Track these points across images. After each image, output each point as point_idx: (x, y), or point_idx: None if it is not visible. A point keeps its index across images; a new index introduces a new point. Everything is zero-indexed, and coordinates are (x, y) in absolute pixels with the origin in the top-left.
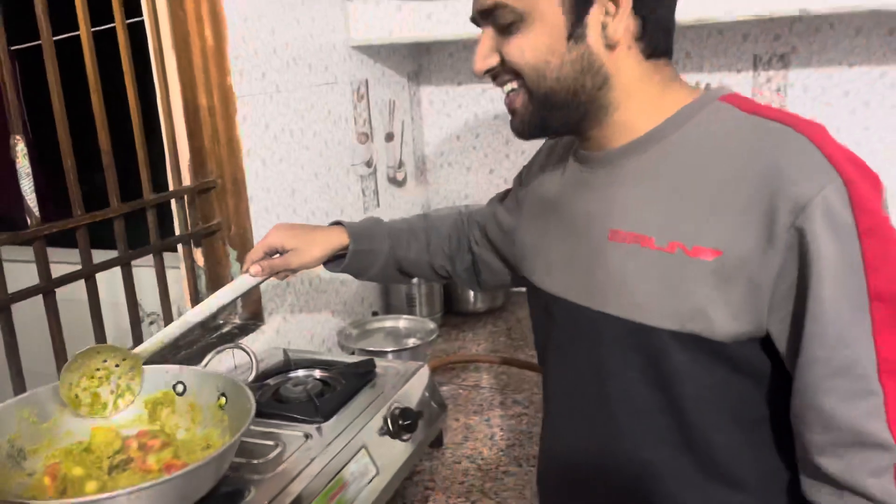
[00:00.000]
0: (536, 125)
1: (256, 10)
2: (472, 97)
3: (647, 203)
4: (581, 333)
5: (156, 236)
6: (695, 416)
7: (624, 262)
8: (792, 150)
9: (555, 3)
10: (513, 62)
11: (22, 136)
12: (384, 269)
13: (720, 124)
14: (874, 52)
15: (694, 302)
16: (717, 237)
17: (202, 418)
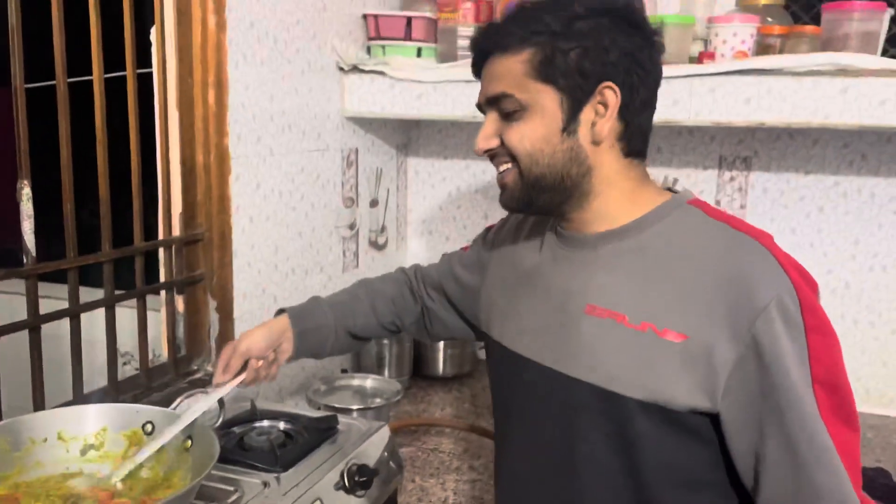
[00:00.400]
0: (524, 202)
1: (258, 79)
2: (456, 171)
3: (622, 285)
4: (552, 396)
5: (142, 282)
6: (651, 477)
7: (598, 335)
8: (754, 260)
9: (554, 101)
10: (512, 146)
11: (28, 181)
12: (337, 342)
13: (690, 226)
14: (829, 162)
15: (660, 376)
16: (685, 323)
17: (167, 459)
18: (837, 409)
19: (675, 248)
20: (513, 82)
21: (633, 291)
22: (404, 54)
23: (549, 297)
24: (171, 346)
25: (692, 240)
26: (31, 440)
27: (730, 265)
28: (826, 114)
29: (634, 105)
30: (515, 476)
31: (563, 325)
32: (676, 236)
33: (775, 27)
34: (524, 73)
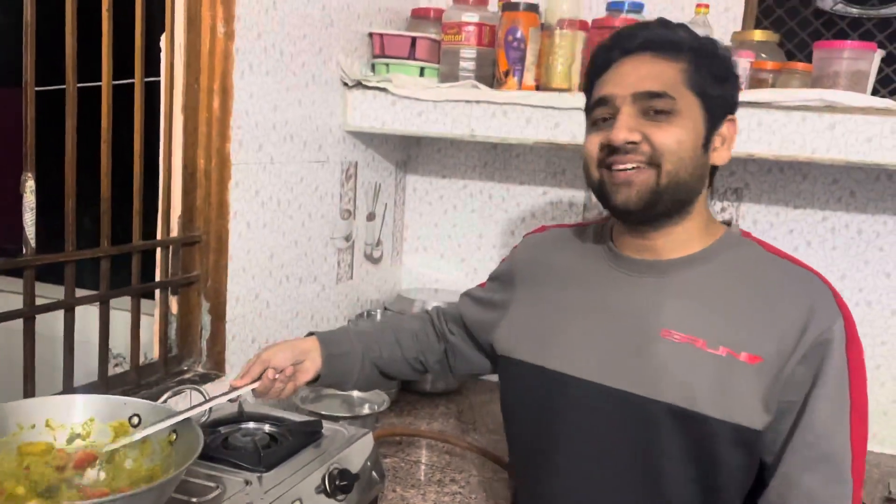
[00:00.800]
0: (653, 203)
1: (263, 89)
2: (453, 190)
3: (697, 311)
4: (626, 417)
5: (138, 280)
6: (727, 492)
7: (677, 358)
8: (816, 292)
9: (700, 114)
10: (664, 146)
11: (33, 173)
12: (363, 374)
13: (752, 258)
14: (818, 197)
15: (738, 397)
16: (758, 347)
17: (151, 451)
18: (860, 438)
19: (743, 277)
20: (671, 84)
21: (708, 317)
22: (407, 73)
23: (613, 321)
24: (162, 346)
25: (758, 271)
26: (18, 426)
27: (799, 296)
28: (813, 148)
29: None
30: (572, 496)
31: (637, 348)
32: (742, 267)
33: (768, 63)
34: (680, 80)
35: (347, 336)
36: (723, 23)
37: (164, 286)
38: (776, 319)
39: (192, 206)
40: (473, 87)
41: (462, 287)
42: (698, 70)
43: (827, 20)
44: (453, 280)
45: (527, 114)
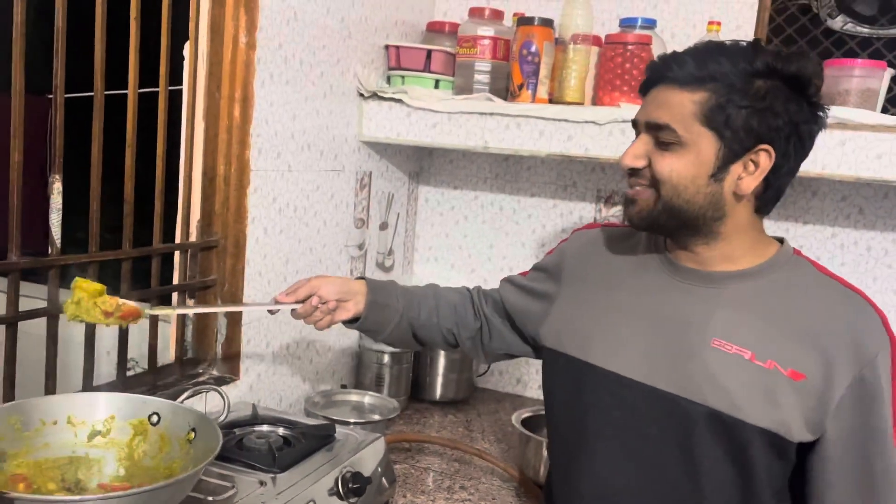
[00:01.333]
0: (651, 222)
1: (283, 98)
2: (465, 201)
3: (748, 325)
4: (666, 417)
5: (157, 282)
6: (761, 490)
7: (726, 368)
8: (866, 317)
9: (712, 147)
10: (659, 174)
11: (60, 175)
12: (398, 329)
13: (804, 277)
14: (827, 213)
15: (781, 409)
16: (804, 365)
17: (169, 449)
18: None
19: (794, 295)
20: (678, 117)
21: (759, 331)
22: (422, 85)
23: (663, 325)
24: (179, 348)
25: (809, 290)
26: (41, 421)
27: (847, 319)
28: (824, 164)
29: (782, 171)
30: (605, 490)
31: (686, 354)
32: (794, 285)
33: None
34: (692, 113)
35: (393, 290)
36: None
37: (182, 289)
38: (822, 340)
39: (210, 210)
40: (487, 99)
41: None
42: (722, 103)
43: (837, 39)
44: None
45: (540, 126)
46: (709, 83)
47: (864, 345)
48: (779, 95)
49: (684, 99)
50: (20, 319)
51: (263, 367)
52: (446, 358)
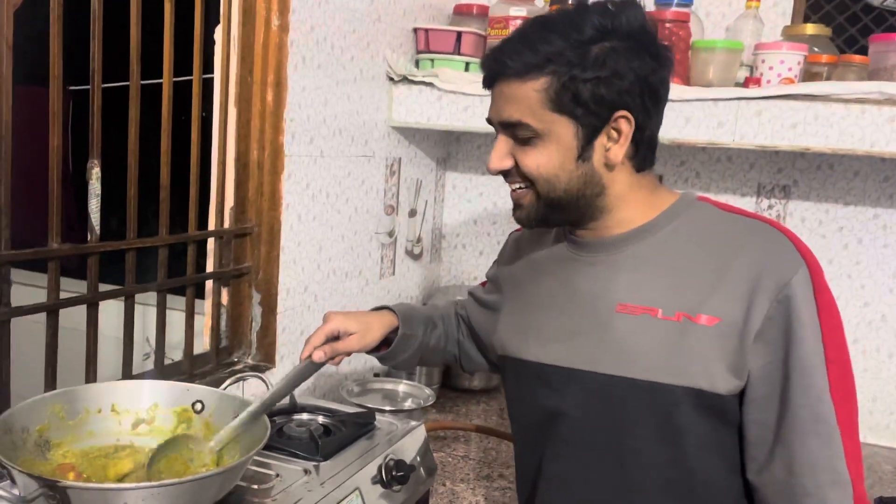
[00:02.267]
0: (540, 220)
1: (314, 82)
2: (493, 187)
3: (649, 281)
4: (592, 397)
5: (193, 270)
6: (697, 465)
7: (634, 331)
8: (773, 241)
9: (570, 130)
10: (528, 172)
11: (98, 160)
12: (412, 357)
13: (705, 219)
14: (869, 194)
15: (699, 361)
16: (715, 307)
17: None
18: (842, 386)
19: (696, 240)
20: (528, 110)
21: (663, 285)
22: (452, 68)
23: (573, 303)
24: (214, 337)
25: (711, 231)
26: (86, 410)
27: (753, 249)
28: (872, 142)
29: (645, 127)
30: (553, 479)
31: (595, 327)
32: (694, 230)
33: (823, 56)
34: (539, 102)
35: (418, 317)
36: (772, 17)
37: (217, 277)
38: (730, 276)
39: (244, 197)
40: None
41: None
42: (565, 83)
43: (877, 16)
44: None
45: None
46: (546, 67)
47: (776, 270)
48: (618, 56)
49: (527, 90)
50: (61, 307)
51: (297, 356)
52: None
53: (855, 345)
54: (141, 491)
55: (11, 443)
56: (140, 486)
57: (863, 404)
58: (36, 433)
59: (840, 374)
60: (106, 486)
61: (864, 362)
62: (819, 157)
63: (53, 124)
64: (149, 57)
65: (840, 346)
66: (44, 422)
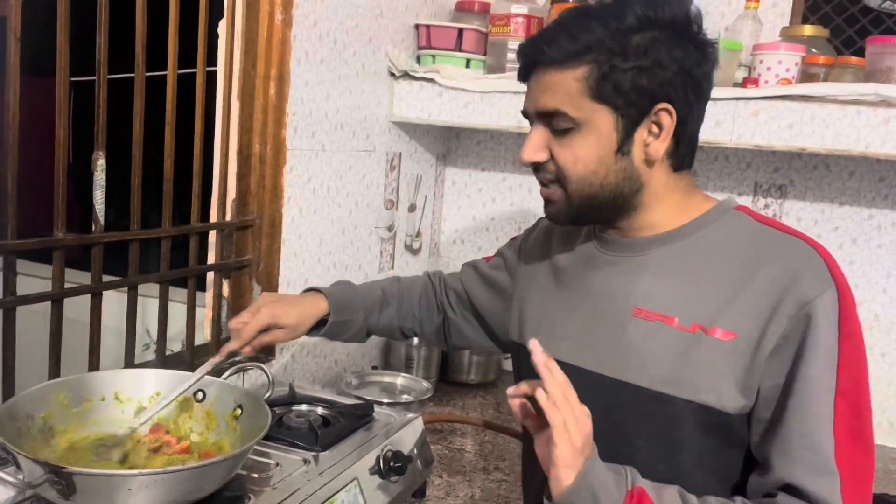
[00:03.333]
0: (572, 217)
1: (317, 77)
2: (492, 183)
3: (670, 288)
4: (594, 399)
5: (195, 261)
6: (690, 483)
7: (647, 337)
8: (803, 258)
9: (609, 121)
10: (564, 167)
11: (104, 152)
12: (354, 336)
13: (738, 229)
14: (864, 194)
15: (709, 376)
16: (733, 322)
17: (216, 426)
18: (851, 425)
19: (724, 250)
20: (567, 99)
21: (682, 294)
22: (453, 64)
23: (590, 302)
24: (214, 328)
25: (741, 242)
26: (90, 397)
27: (779, 263)
28: (867, 143)
29: (688, 122)
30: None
31: (608, 328)
32: (724, 240)
33: (820, 57)
34: (579, 91)
35: (357, 302)
36: (770, 18)
37: (219, 269)
38: (752, 290)
39: (246, 190)
40: None
41: None
42: (605, 72)
43: (874, 17)
44: None
45: None
46: (586, 55)
47: (802, 289)
48: (661, 46)
49: (566, 79)
50: (66, 296)
51: (297, 348)
52: None
53: None
54: (145, 477)
55: (16, 429)
56: (144, 473)
57: None
58: (40, 420)
59: (850, 410)
60: (111, 472)
61: None
62: (815, 158)
63: (60, 115)
64: (151, 50)
65: (857, 383)
66: (48, 409)
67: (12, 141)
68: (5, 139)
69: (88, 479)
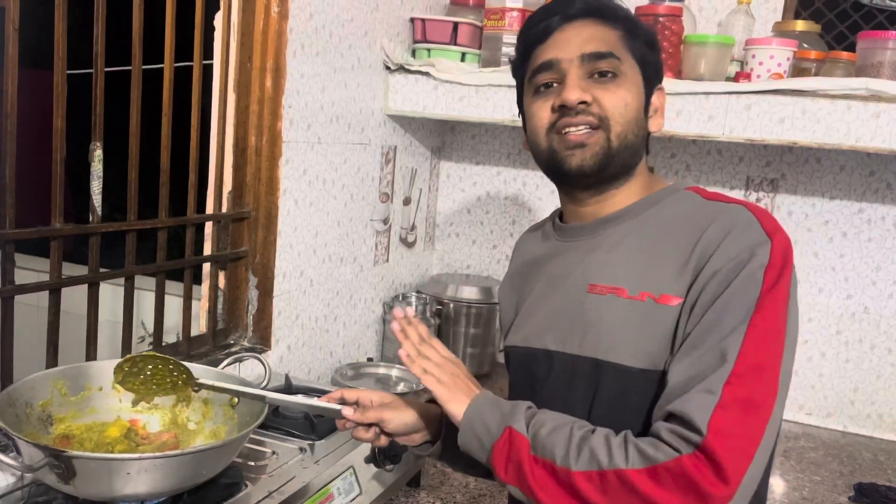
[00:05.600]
0: (601, 164)
1: (313, 69)
2: (487, 177)
3: (620, 263)
4: (558, 377)
5: (192, 252)
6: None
7: (600, 311)
8: (737, 219)
9: (639, 79)
10: (613, 110)
11: (101, 143)
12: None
13: (685, 206)
14: (855, 188)
15: (659, 342)
16: (678, 288)
17: (213, 414)
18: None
19: (673, 225)
20: (615, 45)
21: (632, 266)
22: (449, 58)
23: (552, 287)
24: (210, 319)
25: (688, 217)
26: (87, 386)
27: (716, 227)
28: (857, 137)
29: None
30: None
31: (568, 308)
32: (673, 216)
33: (812, 52)
34: (622, 43)
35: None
36: (763, 13)
37: (215, 260)
38: (695, 256)
39: (242, 182)
40: None
41: (494, 273)
42: (633, 36)
43: (866, 13)
44: (485, 265)
45: None
46: (621, 18)
47: (730, 242)
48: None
49: (609, 31)
50: (64, 286)
51: (293, 339)
52: (468, 332)
53: (838, 336)
54: (143, 461)
55: (15, 416)
56: (142, 457)
57: (844, 394)
58: (39, 408)
59: (757, 348)
60: (109, 456)
61: (846, 353)
62: (807, 152)
63: (58, 106)
64: (147, 42)
65: (771, 326)
66: (46, 397)
67: (11, 131)
68: (3, 130)
69: (88, 462)
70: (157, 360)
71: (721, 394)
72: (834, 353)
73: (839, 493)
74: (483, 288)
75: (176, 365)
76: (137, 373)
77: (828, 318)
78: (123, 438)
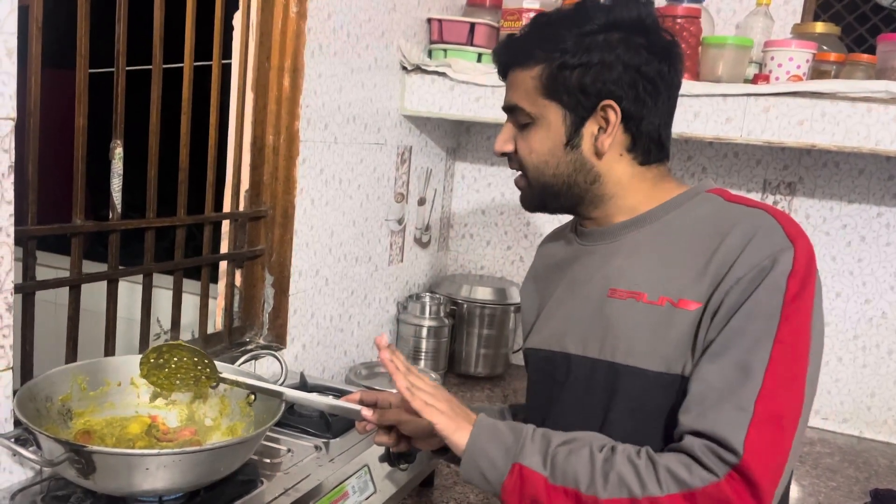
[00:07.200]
0: (537, 205)
1: (330, 69)
2: (502, 178)
3: (641, 267)
4: (576, 381)
5: (209, 250)
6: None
7: (620, 315)
8: (759, 224)
9: (559, 116)
10: (521, 157)
11: (122, 140)
12: None
13: (707, 209)
14: (874, 192)
15: (678, 347)
16: (698, 293)
17: (230, 411)
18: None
19: (694, 229)
20: (524, 96)
21: (652, 271)
22: (465, 59)
23: (573, 292)
24: (227, 317)
25: (710, 220)
26: (106, 381)
27: (738, 232)
28: (877, 140)
29: (642, 118)
30: None
31: (588, 312)
32: (694, 219)
33: (831, 54)
34: (534, 89)
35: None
36: (782, 15)
37: (232, 258)
38: (716, 261)
39: (259, 180)
40: None
41: (508, 275)
42: (554, 72)
43: (886, 16)
44: (499, 267)
45: None
46: (541, 55)
47: (753, 248)
48: (610, 47)
49: (525, 77)
50: (84, 282)
51: (308, 338)
52: (482, 333)
53: (855, 341)
54: (162, 457)
55: (35, 410)
56: (162, 453)
57: (861, 400)
58: (59, 402)
59: (785, 359)
60: (129, 452)
61: (863, 358)
62: (825, 155)
63: (80, 104)
64: (167, 42)
65: (797, 335)
66: (66, 392)
67: (34, 128)
68: (27, 129)
69: (108, 458)
70: (183, 351)
71: (754, 411)
72: (851, 358)
73: (855, 499)
74: (497, 289)
75: (201, 357)
76: (163, 365)
77: (845, 322)
78: (144, 435)
